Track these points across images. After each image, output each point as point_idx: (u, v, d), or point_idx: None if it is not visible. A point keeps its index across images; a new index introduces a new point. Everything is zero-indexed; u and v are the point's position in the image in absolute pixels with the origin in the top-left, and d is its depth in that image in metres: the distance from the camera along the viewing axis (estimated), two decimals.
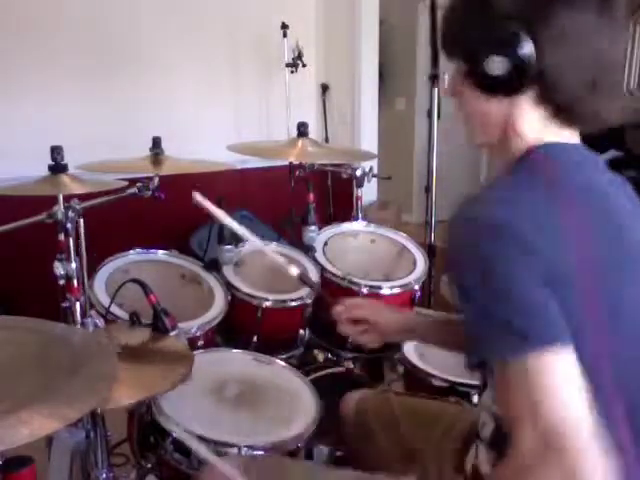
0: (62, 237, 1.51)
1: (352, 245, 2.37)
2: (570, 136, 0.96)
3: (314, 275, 2.06)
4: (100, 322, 1.44)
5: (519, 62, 0.88)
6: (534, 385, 0.76)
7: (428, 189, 2.96)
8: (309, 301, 1.98)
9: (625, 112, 0.98)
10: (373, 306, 1.37)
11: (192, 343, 1.66)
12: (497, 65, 0.89)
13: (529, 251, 0.80)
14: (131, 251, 1.93)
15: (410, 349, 1.87)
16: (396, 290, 2.09)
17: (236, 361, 1.70)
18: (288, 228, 2.36)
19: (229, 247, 1.97)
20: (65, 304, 1.52)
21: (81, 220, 1.57)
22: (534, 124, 0.94)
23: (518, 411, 0.77)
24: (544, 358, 0.76)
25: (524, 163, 0.93)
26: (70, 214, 1.52)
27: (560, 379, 0.76)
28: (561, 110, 0.92)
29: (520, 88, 0.91)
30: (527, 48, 0.87)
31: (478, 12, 0.91)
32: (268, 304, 1.92)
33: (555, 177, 0.88)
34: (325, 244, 2.23)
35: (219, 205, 1.95)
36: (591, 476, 0.71)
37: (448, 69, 1.03)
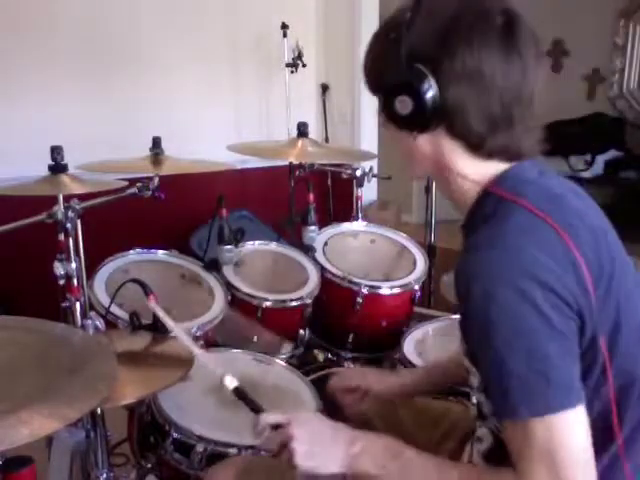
0: (62, 237, 1.51)
1: (352, 245, 2.37)
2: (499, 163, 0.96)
3: (314, 276, 2.06)
4: (100, 323, 1.43)
5: (423, 101, 0.89)
6: (555, 445, 0.80)
7: (428, 189, 2.96)
8: (309, 301, 1.98)
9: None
10: (364, 372, 1.43)
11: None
12: (403, 104, 0.91)
13: (553, 296, 0.81)
14: (131, 251, 1.93)
15: (410, 349, 1.87)
16: (396, 290, 2.09)
17: (236, 361, 1.69)
18: (288, 228, 2.36)
19: (229, 247, 1.97)
20: (65, 304, 1.52)
21: (80, 220, 1.57)
22: (460, 157, 0.95)
23: (535, 464, 0.81)
24: (566, 419, 0.81)
25: (497, 206, 0.92)
26: (70, 214, 1.52)
27: (578, 439, 0.81)
28: (472, 144, 0.93)
29: (428, 125, 0.92)
30: (430, 88, 0.89)
31: (388, 53, 0.93)
32: (268, 304, 1.92)
33: (543, 213, 0.87)
34: (325, 244, 2.23)
35: (219, 205, 1.96)
36: None
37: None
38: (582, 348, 0.85)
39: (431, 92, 0.89)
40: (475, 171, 0.95)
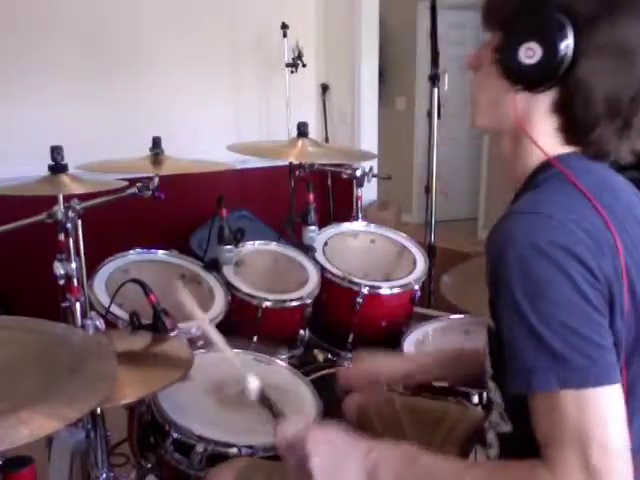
0: (62, 237, 1.51)
1: (352, 245, 2.37)
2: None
3: (314, 276, 2.06)
4: (100, 323, 1.44)
5: (554, 56, 0.82)
6: (588, 420, 0.75)
7: (428, 189, 2.96)
8: (309, 301, 1.98)
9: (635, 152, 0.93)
10: (368, 368, 1.34)
11: (192, 343, 1.66)
12: (530, 53, 0.84)
13: (586, 271, 0.78)
14: (131, 251, 1.93)
15: (410, 349, 1.87)
16: (396, 290, 2.09)
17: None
18: (288, 228, 2.36)
19: (229, 247, 1.97)
20: (65, 304, 1.52)
21: (81, 220, 1.57)
22: (546, 133, 0.89)
23: (568, 439, 0.75)
24: (599, 395, 0.76)
25: (547, 174, 0.89)
26: (70, 214, 1.52)
27: (612, 417, 0.76)
28: (576, 127, 0.87)
29: (543, 85, 0.85)
30: (568, 47, 0.81)
31: None
32: (268, 304, 1.92)
33: (590, 194, 0.84)
34: (325, 244, 2.23)
35: (219, 205, 1.96)
36: None
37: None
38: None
39: (567, 52, 0.81)
40: (551, 148, 0.90)
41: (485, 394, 1.06)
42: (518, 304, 0.78)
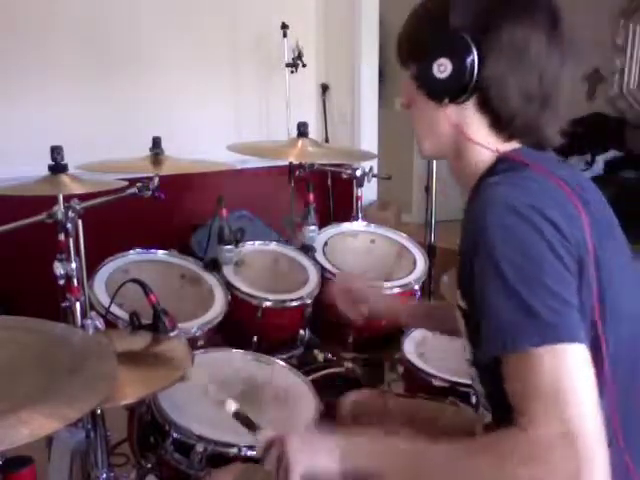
0: (62, 237, 1.51)
1: (352, 245, 2.37)
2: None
3: (314, 276, 2.06)
4: (100, 323, 1.44)
5: (462, 67, 0.92)
6: (561, 376, 0.77)
7: (428, 189, 2.96)
8: (309, 301, 1.98)
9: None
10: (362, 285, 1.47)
11: (192, 343, 1.66)
12: (442, 68, 0.94)
13: (562, 237, 0.82)
14: (131, 251, 1.94)
15: (410, 349, 1.87)
16: (396, 290, 2.09)
17: (236, 361, 1.70)
18: (288, 228, 2.36)
19: (229, 247, 1.97)
20: (65, 304, 1.52)
21: (81, 220, 1.57)
22: (483, 133, 0.98)
23: (541, 397, 0.77)
24: (571, 351, 0.78)
25: (504, 165, 0.95)
26: (70, 214, 1.52)
27: (583, 375, 0.78)
28: (501, 120, 0.96)
29: (462, 94, 0.95)
30: (471, 55, 0.92)
31: (434, 20, 0.97)
32: (268, 304, 1.92)
33: (551, 174, 0.90)
34: (325, 244, 2.23)
35: (219, 205, 1.96)
36: (595, 471, 0.73)
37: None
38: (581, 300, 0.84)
39: (472, 60, 0.92)
40: (494, 145, 0.98)
41: None
42: (498, 264, 0.81)
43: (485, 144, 0.98)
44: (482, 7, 0.93)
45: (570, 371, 0.78)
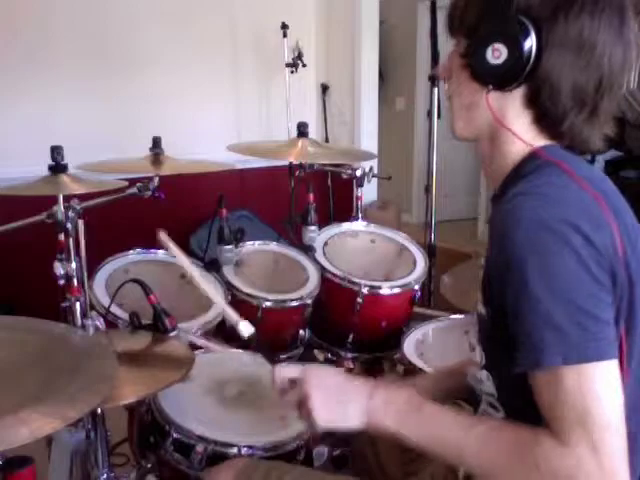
0: (62, 237, 1.51)
1: (352, 245, 2.37)
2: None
3: (314, 276, 2.06)
4: (100, 323, 1.44)
5: (519, 56, 0.87)
6: (589, 395, 0.78)
7: (428, 189, 2.97)
8: (309, 301, 1.98)
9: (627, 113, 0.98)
10: None
11: (192, 343, 1.66)
12: (497, 53, 0.88)
13: (594, 251, 0.80)
14: (131, 251, 1.93)
15: (410, 349, 1.87)
16: (396, 290, 2.09)
17: (236, 361, 1.69)
18: (288, 228, 2.36)
19: (229, 247, 1.97)
20: (65, 304, 1.52)
21: (81, 220, 1.57)
22: (523, 127, 0.93)
23: (570, 415, 0.78)
24: (601, 369, 0.78)
25: (538, 164, 0.92)
26: (70, 214, 1.51)
27: (611, 393, 0.78)
28: (547, 119, 0.91)
29: (512, 82, 0.89)
30: (531, 44, 0.86)
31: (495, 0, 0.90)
32: (268, 304, 1.92)
33: (580, 178, 0.87)
34: (325, 244, 2.23)
35: (219, 205, 1.96)
36: None
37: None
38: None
39: (530, 49, 0.86)
40: (531, 141, 0.94)
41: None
42: (528, 280, 0.80)
43: (520, 135, 0.93)
44: None
45: (598, 390, 0.77)
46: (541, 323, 0.79)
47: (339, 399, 0.94)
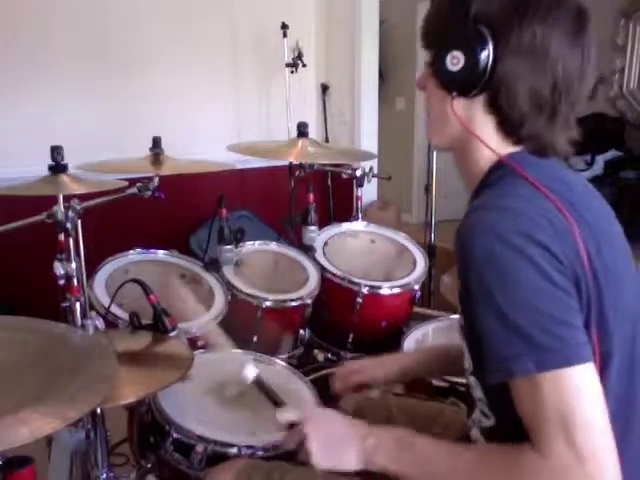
0: (62, 237, 1.51)
1: (352, 245, 2.37)
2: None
3: (314, 276, 2.06)
4: (100, 323, 1.44)
5: (476, 63, 0.90)
6: (565, 400, 0.78)
7: (428, 189, 2.97)
8: (309, 301, 1.98)
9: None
10: (363, 366, 1.38)
11: (192, 343, 1.66)
12: (455, 60, 0.92)
13: (552, 258, 0.81)
14: (131, 251, 1.93)
15: (410, 349, 1.87)
16: (396, 290, 2.09)
17: (236, 361, 1.69)
18: (288, 228, 2.36)
19: (229, 247, 1.97)
20: (65, 304, 1.52)
21: (80, 220, 1.57)
22: (488, 133, 0.96)
23: (548, 422, 0.78)
24: (575, 374, 0.78)
25: (500, 172, 0.94)
26: (70, 214, 1.51)
27: (588, 395, 0.79)
28: (508, 124, 0.94)
29: (472, 88, 0.93)
30: (487, 51, 0.90)
31: (456, 9, 0.94)
32: (268, 304, 1.92)
33: (544, 187, 0.89)
34: (325, 244, 2.23)
35: (219, 205, 1.96)
36: None
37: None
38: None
39: (486, 55, 0.90)
40: (498, 147, 0.96)
41: None
42: (489, 294, 0.81)
43: (488, 143, 0.95)
44: (508, 3, 0.89)
45: (575, 394, 0.78)
46: (510, 334, 0.80)
47: (336, 445, 0.96)
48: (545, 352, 0.78)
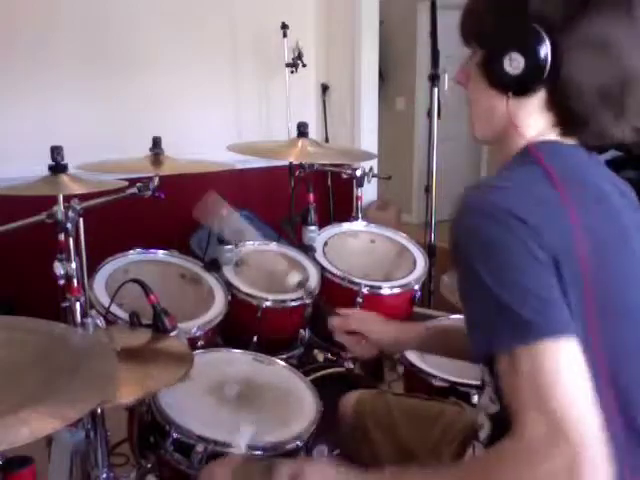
0: (62, 237, 1.51)
1: (352, 245, 2.37)
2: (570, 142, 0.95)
3: (314, 276, 2.06)
4: (100, 322, 1.44)
5: (537, 63, 0.87)
6: (542, 373, 0.76)
7: (428, 189, 2.97)
8: (309, 301, 1.98)
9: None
10: (366, 318, 1.40)
11: (192, 343, 1.66)
12: (513, 63, 0.89)
13: (534, 234, 0.80)
14: (131, 251, 1.93)
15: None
16: (396, 290, 2.09)
17: (236, 361, 1.69)
18: (288, 228, 2.36)
19: (229, 247, 1.97)
20: (65, 304, 1.52)
21: (81, 220, 1.57)
22: (538, 127, 0.94)
23: (525, 398, 0.77)
24: (553, 347, 0.77)
25: (522, 158, 0.93)
26: (70, 214, 1.51)
27: (568, 369, 0.77)
28: (571, 118, 0.91)
29: (531, 89, 0.90)
30: (547, 50, 0.86)
31: (508, 6, 0.90)
32: (268, 304, 1.92)
33: (557, 178, 0.87)
34: (325, 244, 2.23)
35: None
36: (593, 468, 0.72)
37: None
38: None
39: (546, 55, 0.86)
40: (537, 135, 0.94)
41: None
42: (475, 269, 0.81)
43: (529, 134, 0.93)
44: None
45: (553, 366, 0.76)
46: (491, 308, 0.80)
47: None
48: (526, 325, 0.78)
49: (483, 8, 0.95)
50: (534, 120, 0.93)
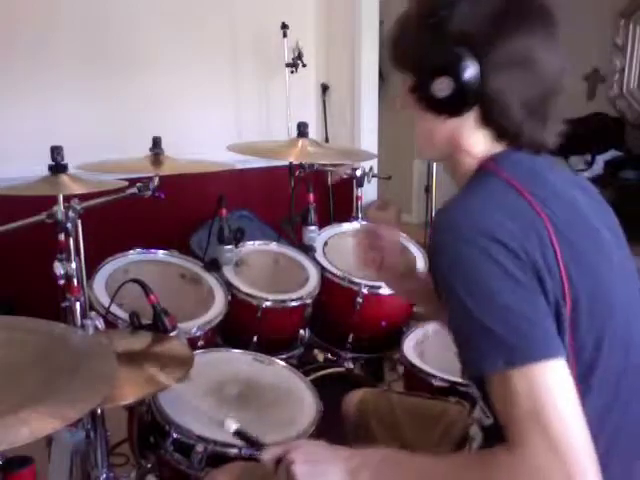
0: (62, 237, 1.51)
1: (352, 245, 2.37)
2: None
3: (314, 276, 2.06)
4: (100, 323, 1.44)
5: (463, 85, 0.89)
6: (532, 394, 0.77)
7: (428, 189, 2.97)
8: (309, 301, 1.98)
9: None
10: (396, 235, 1.38)
11: (192, 343, 1.66)
12: (442, 86, 0.91)
13: (514, 257, 0.81)
14: (131, 251, 1.94)
15: (410, 349, 1.87)
16: None
17: (236, 361, 1.70)
18: (288, 228, 2.36)
19: (229, 247, 1.97)
20: (65, 304, 1.52)
21: (81, 220, 1.57)
22: (480, 142, 0.96)
23: (518, 420, 0.78)
24: (540, 370, 0.78)
25: (479, 174, 0.95)
26: (70, 214, 1.51)
27: (559, 388, 0.78)
28: (505, 132, 0.94)
29: (463, 110, 0.93)
30: (472, 71, 0.88)
31: (429, 31, 0.92)
32: (268, 304, 1.92)
33: (515, 181, 0.89)
34: (325, 244, 2.23)
35: (219, 205, 1.96)
36: None
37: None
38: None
39: (474, 77, 0.88)
40: (485, 151, 0.96)
41: None
42: (457, 297, 0.82)
43: (474, 152, 0.96)
44: (483, 17, 0.88)
45: (546, 389, 0.77)
46: (476, 332, 0.81)
47: (320, 466, 0.95)
48: (513, 349, 0.79)
49: (405, 36, 0.97)
50: (476, 137, 0.96)
